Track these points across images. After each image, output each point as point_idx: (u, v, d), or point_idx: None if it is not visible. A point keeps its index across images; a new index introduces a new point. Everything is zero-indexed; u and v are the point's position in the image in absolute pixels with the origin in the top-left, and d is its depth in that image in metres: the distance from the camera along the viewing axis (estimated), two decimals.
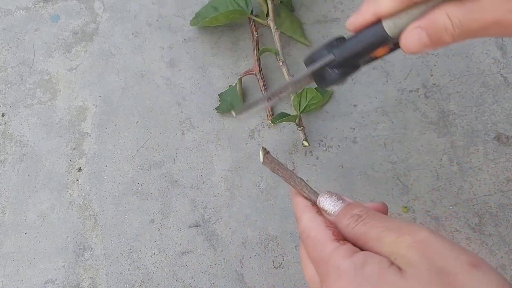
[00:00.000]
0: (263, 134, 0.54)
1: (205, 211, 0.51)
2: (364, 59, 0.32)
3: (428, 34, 0.28)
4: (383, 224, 0.27)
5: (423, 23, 0.27)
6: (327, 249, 0.27)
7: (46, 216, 0.52)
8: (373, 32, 0.29)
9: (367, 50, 0.30)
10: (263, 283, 0.48)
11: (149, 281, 0.49)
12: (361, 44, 0.30)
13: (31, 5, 0.62)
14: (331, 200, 0.31)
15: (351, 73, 0.33)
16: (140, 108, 0.56)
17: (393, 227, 0.26)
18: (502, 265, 0.47)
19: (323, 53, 0.33)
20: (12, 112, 0.56)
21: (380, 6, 0.28)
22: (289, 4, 0.59)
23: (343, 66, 0.32)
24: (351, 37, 0.31)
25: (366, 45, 0.30)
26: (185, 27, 0.60)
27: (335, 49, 0.32)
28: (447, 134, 0.52)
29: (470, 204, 0.50)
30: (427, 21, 0.27)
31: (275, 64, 0.57)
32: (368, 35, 0.30)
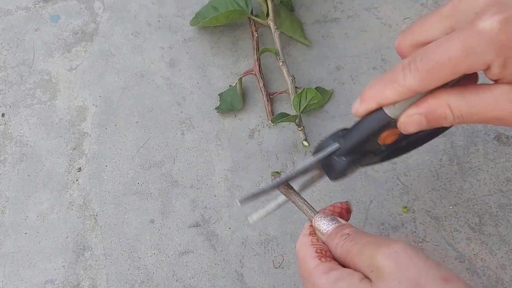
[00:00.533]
0: (263, 134, 0.54)
1: (205, 211, 0.51)
2: (372, 145, 0.32)
3: (427, 120, 0.28)
4: (365, 239, 0.29)
5: (423, 110, 0.28)
6: (309, 266, 0.30)
7: (46, 216, 0.52)
8: (375, 117, 0.30)
9: (371, 135, 0.31)
10: (263, 283, 0.48)
11: (149, 281, 0.49)
12: (365, 129, 0.31)
13: (31, 5, 0.62)
14: (326, 220, 0.33)
15: (360, 161, 0.33)
16: (140, 108, 0.56)
17: (372, 242, 0.29)
18: (502, 265, 0.47)
19: (328, 142, 0.33)
20: (12, 112, 0.57)
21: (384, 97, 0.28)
22: (289, 4, 0.59)
23: (349, 154, 0.33)
24: (355, 124, 0.32)
25: (370, 131, 0.31)
26: (185, 27, 0.60)
27: (340, 138, 0.33)
28: (447, 134, 0.52)
29: (470, 204, 0.50)
30: (428, 110, 0.28)
31: (275, 64, 0.57)
32: (371, 120, 0.30)
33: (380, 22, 0.58)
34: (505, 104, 0.26)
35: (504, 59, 0.25)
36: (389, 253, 0.27)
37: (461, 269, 0.47)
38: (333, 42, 0.58)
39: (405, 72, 0.27)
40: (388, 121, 0.30)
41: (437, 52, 0.26)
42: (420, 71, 0.26)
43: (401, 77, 0.27)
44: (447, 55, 0.25)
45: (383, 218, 0.50)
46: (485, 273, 0.47)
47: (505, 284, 0.46)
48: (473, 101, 0.27)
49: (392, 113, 0.29)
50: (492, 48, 0.24)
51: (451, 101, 0.27)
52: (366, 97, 0.30)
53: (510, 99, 0.26)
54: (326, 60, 0.57)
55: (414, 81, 0.27)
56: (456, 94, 0.27)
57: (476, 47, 0.25)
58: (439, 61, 0.26)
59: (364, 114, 0.31)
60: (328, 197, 0.51)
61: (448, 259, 0.48)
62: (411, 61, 0.27)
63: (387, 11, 0.59)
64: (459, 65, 0.25)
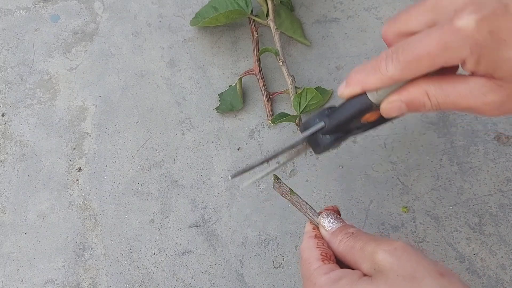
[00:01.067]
0: (263, 134, 0.54)
1: (205, 211, 0.51)
2: (355, 124, 0.35)
3: (407, 106, 0.31)
4: (367, 238, 0.31)
5: (403, 97, 0.30)
6: (311, 267, 0.32)
7: (46, 216, 0.52)
8: (358, 101, 0.32)
9: (353, 117, 0.33)
10: (263, 283, 0.48)
11: (149, 281, 0.49)
12: (348, 111, 0.33)
13: (31, 5, 0.62)
14: (332, 218, 0.35)
15: (343, 138, 0.36)
16: (140, 108, 0.56)
17: (374, 240, 0.30)
18: (502, 265, 0.47)
19: (314, 121, 0.36)
20: (12, 112, 0.57)
21: (368, 84, 0.31)
22: (289, 4, 0.59)
23: (334, 132, 0.35)
24: (340, 106, 0.34)
25: (353, 112, 0.33)
26: (185, 27, 0.60)
27: (325, 117, 0.35)
28: (447, 134, 0.52)
29: (470, 204, 0.50)
30: (408, 97, 0.30)
31: (275, 64, 0.57)
32: (354, 104, 0.33)
33: (380, 22, 0.58)
34: (477, 95, 0.28)
35: (478, 56, 0.26)
36: (389, 250, 0.29)
37: (461, 269, 0.47)
38: (333, 42, 0.58)
39: (388, 62, 0.29)
40: (370, 105, 0.32)
41: (417, 46, 0.28)
42: (401, 62, 0.29)
43: (384, 66, 0.30)
44: (426, 49, 0.27)
45: (383, 218, 0.50)
46: (485, 273, 0.47)
47: (505, 284, 0.46)
48: (449, 91, 0.29)
49: (374, 98, 0.32)
50: (467, 45, 0.26)
51: (429, 90, 0.29)
52: (352, 81, 0.32)
53: (482, 91, 0.28)
54: (326, 60, 0.57)
55: (395, 70, 0.29)
56: (435, 83, 0.29)
57: (453, 43, 0.26)
58: (418, 54, 0.28)
59: (349, 97, 0.33)
60: (328, 197, 0.51)
61: (448, 259, 0.48)
62: (393, 51, 0.29)
63: (387, 11, 0.59)
64: (437, 59, 0.27)
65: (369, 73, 0.31)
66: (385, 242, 0.30)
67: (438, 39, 0.27)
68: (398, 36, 0.32)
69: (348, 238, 0.32)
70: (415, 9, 0.31)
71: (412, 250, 0.29)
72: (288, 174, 0.52)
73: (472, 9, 0.26)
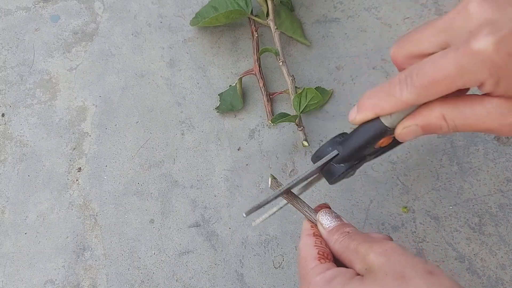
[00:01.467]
0: (263, 134, 0.54)
1: (205, 211, 0.51)
2: (369, 150, 0.34)
3: (423, 130, 0.30)
4: (362, 238, 0.32)
5: (419, 121, 0.30)
6: (308, 266, 0.32)
7: (46, 216, 0.52)
8: (372, 126, 0.31)
9: (368, 143, 0.32)
10: (263, 283, 0.48)
11: (149, 281, 0.49)
12: (362, 138, 0.32)
13: (31, 5, 0.62)
14: (330, 216, 0.35)
15: (358, 165, 0.35)
16: (140, 108, 0.56)
17: (367, 241, 0.31)
18: (502, 265, 0.47)
19: (327, 149, 0.35)
20: (12, 112, 0.57)
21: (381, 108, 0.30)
22: (289, 4, 0.59)
23: (348, 160, 0.34)
24: (352, 132, 0.33)
25: (367, 139, 0.32)
26: (185, 27, 0.60)
27: (338, 145, 0.34)
28: (447, 134, 0.52)
29: (470, 204, 0.50)
30: (424, 121, 0.29)
31: (275, 64, 0.57)
32: (368, 129, 0.31)
33: (380, 22, 0.58)
34: (496, 117, 0.27)
35: (497, 78, 0.26)
36: (380, 251, 0.29)
37: (461, 269, 0.47)
38: (333, 42, 0.58)
39: (402, 86, 0.28)
40: (385, 130, 0.31)
41: (433, 69, 0.27)
42: (416, 87, 0.28)
43: (398, 91, 0.29)
44: (442, 73, 0.26)
45: (383, 218, 0.50)
46: (485, 273, 0.47)
47: (505, 284, 0.46)
48: (467, 113, 0.28)
49: (388, 123, 0.30)
50: (485, 68, 0.25)
51: (446, 113, 0.29)
52: (364, 107, 0.31)
53: (500, 112, 0.27)
54: (326, 60, 0.57)
55: (410, 95, 0.28)
56: (451, 106, 0.28)
57: (471, 67, 0.26)
58: (434, 78, 0.27)
59: (361, 122, 0.32)
60: (328, 197, 0.51)
61: (448, 259, 0.48)
62: (407, 75, 0.28)
63: (387, 11, 0.59)
64: (454, 83, 0.27)
65: (382, 98, 0.30)
66: (378, 243, 0.30)
67: (454, 62, 0.26)
68: (409, 58, 0.31)
69: (343, 238, 0.33)
70: (427, 30, 0.30)
71: (402, 250, 0.29)
72: (288, 174, 0.52)
73: (489, 31, 0.25)
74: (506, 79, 0.26)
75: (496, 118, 0.27)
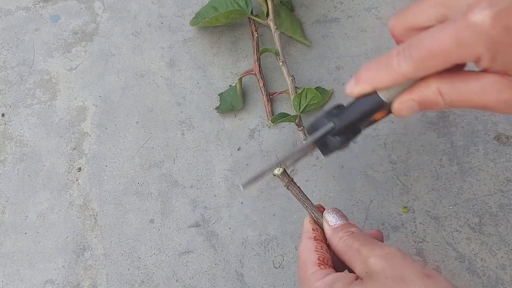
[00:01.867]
0: (263, 134, 0.54)
1: (205, 211, 0.51)
2: (365, 124, 0.34)
3: (420, 105, 0.30)
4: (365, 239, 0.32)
5: (415, 96, 0.30)
6: (308, 272, 0.32)
7: (46, 216, 0.52)
8: (369, 100, 0.31)
9: (364, 117, 0.32)
10: (263, 283, 0.48)
11: (149, 281, 0.49)
12: (359, 111, 0.32)
13: (31, 5, 0.62)
14: (337, 215, 0.35)
15: (352, 138, 0.35)
16: (140, 108, 0.56)
17: (370, 243, 0.32)
18: (502, 265, 0.47)
19: (323, 121, 0.34)
20: (12, 112, 0.57)
21: (379, 82, 0.30)
22: (289, 4, 0.59)
23: (344, 133, 0.34)
24: (349, 105, 0.33)
25: (364, 112, 0.32)
26: (185, 27, 0.60)
27: (334, 117, 0.34)
28: (447, 134, 0.52)
29: (470, 204, 0.50)
30: (420, 96, 0.29)
31: (275, 64, 0.57)
32: (365, 103, 0.31)
33: (380, 22, 0.58)
34: (492, 93, 0.27)
35: (493, 53, 0.26)
36: (380, 255, 0.30)
37: (461, 269, 0.47)
38: (333, 42, 0.58)
39: (400, 58, 0.28)
40: (381, 104, 0.31)
41: (431, 42, 0.27)
42: (414, 59, 0.28)
43: (396, 63, 0.28)
44: (440, 46, 0.26)
45: (383, 218, 0.50)
46: (485, 273, 0.47)
47: (505, 284, 0.46)
48: (463, 89, 0.28)
49: (386, 97, 0.30)
50: (482, 41, 0.25)
51: (442, 89, 0.28)
52: (362, 79, 0.31)
53: (496, 89, 0.27)
54: (326, 60, 0.57)
55: (408, 68, 0.28)
56: (447, 81, 0.28)
57: (468, 40, 0.26)
58: (432, 51, 0.27)
59: (359, 95, 0.32)
60: (328, 197, 0.51)
61: (448, 259, 0.48)
62: (405, 48, 0.28)
63: (387, 11, 0.59)
64: (451, 56, 0.27)
65: (380, 71, 0.30)
66: (379, 246, 0.31)
67: (452, 35, 0.26)
68: (407, 31, 0.31)
69: (347, 237, 0.33)
70: (425, 3, 0.30)
71: (402, 254, 0.30)
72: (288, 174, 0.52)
73: (487, 4, 0.25)
74: (503, 53, 0.26)
75: (492, 94, 0.27)
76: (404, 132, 0.53)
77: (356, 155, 0.52)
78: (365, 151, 0.53)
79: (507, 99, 0.27)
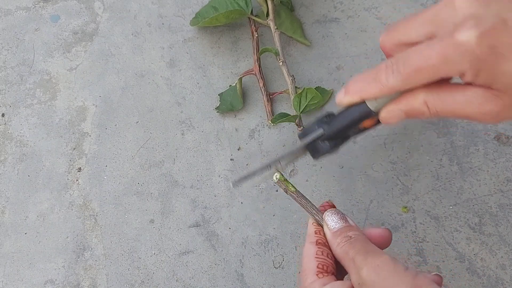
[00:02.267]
0: (263, 134, 0.54)
1: (205, 211, 0.51)
2: (353, 131, 0.36)
3: (406, 115, 0.32)
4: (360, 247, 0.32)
5: (402, 106, 0.31)
6: (307, 281, 0.33)
7: (46, 216, 0.52)
8: (357, 109, 0.33)
9: (352, 124, 0.34)
10: (263, 283, 0.48)
11: (149, 281, 0.49)
12: (347, 119, 0.34)
13: (31, 5, 0.62)
14: (336, 217, 0.36)
15: (341, 143, 0.37)
16: (140, 108, 0.56)
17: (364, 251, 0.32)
18: (502, 265, 0.47)
19: (314, 128, 0.37)
20: (12, 112, 0.57)
21: (367, 93, 0.32)
22: (289, 4, 0.59)
23: (333, 139, 0.36)
24: (338, 113, 0.35)
25: (352, 120, 0.34)
26: (185, 27, 0.60)
27: (324, 124, 0.36)
28: (447, 134, 0.52)
29: (470, 204, 0.50)
30: (407, 106, 0.31)
31: (275, 64, 0.57)
32: (354, 112, 0.34)
33: (380, 22, 0.58)
34: (475, 105, 0.29)
35: (477, 70, 0.27)
36: (372, 267, 0.30)
37: (461, 269, 0.47)
38: (333, 42, 0.58)
39: (388, 72, 0.30)
40: (369, 113, 0.33)
41: (418, 58, 0.29)
42: (402, 74, 0.29)
43: (384, 77, 0.30)
44: (427, 62, 0.28)
45: (383, 218, 0.50)
46: (485, 273, 0.47)
47: (505, 284, 0.46)
48: (448, 100, 0.30)
49: (373, 107, 0.32)
50: (467, 59, 0.27)
51: (429, 100, 0.30)
52: (351, 90, 0.33)
53: (480, 101, 0.29)
54: (326, 60, 0.57)
55: (396, 82, 0.30)
56: (433, 93, 0.30)
57: (453, 57, 0.27)
58: (419, 66, 0.28)
59: (348, 105, 0.34)
60: (328, 197, 0.51)
61: (448, 259, 0.48)
62: (393, 63, 0.30)
63: (387, 11, 0.59)
64: (437, 71, 0.28)
65: (369, 83, 0.31)
66: (371, 256, 0.31)
67: (439, 52, 0.28)
68: (397, 46, 0.32)
69: (344, 243, 0.33)
70: (415, 20, 0.31)
71: (393, 265, 0.30)
72: (288, 174, 0.52)
73: (473, 24, 0.27)
74: (486, 70, 0.27)
75: (475, 106, 0.29)
76: (404, 132, 0.53)
77: (356, 155, 0.52)
78: (365, 151, 0.53)
79: (489, 110, 0.29)
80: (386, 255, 0.31)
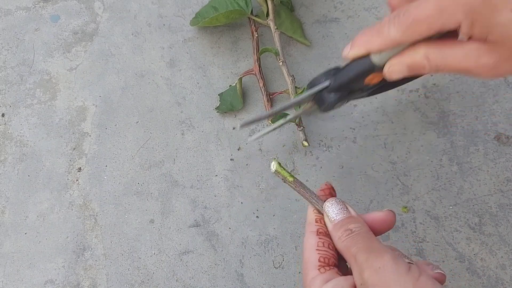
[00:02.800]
0: None
1: (205, 211, 0.51)
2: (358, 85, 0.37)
3: (408, 69, 0.33)
4: (363, 244, 0.32)
5: (405, 59, 0.33)
6: (308, 277, 0.33)
7: (46, 216, 0.52)
8: (362, 62, 0.34)
9: (357, 77, 0.35)
10: (263, 283, 0.48)
11: (149, 281, 0.49)
12: (352, 71, 0.35)
13: (31, 5, 0.62)
14: (336, 208, 0.35)
15: (347, 97, 0.38)
16: (140, 108, 0.56)
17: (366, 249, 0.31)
18: (502, 265, 0.47)
19: (321, 79, 0.38)
20: (12, 112, 0.57)
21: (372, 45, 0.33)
22: (289, 4, 0.59)
23: (338, 91, 0.37)
24: (344, 66, 0.36)
25: (357, 73, 0.35)
26: (185, 27, 0.60)
27: (331, 76, 0.37)
28: (447, 134, 0.52)
29: (470, 204, 0.50)
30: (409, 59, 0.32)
31: (275, 64, 0.57)
32: (359, 65, 0.35)
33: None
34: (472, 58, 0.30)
35: (471, 20, 0.28)
36: (374, 270, 0.30)
37: (461, 269, 0.47)
38: (333, 42, 0.58)
39: (390, 25, 0.31)
40: (373, 66, 0.34)
41: (416, 10, 0.30)
42: (401, 25, 0.31)
43: (386, 29, 0.32)
44: (424, 13, 0.30)
45: None
46: (485, 273, 0.47)
47: (505, 284, 0.46)
48: (447, 54, 0.31)
49: (377, 60, 0.33)
50: (461, 9, 0.28)
51: (429, 53, 0.31)
52: (356, 43, 0.34)
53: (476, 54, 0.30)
54: (326, 60, 0.57)
55: (396, 33, 0.31)
56: (434, 47, 0.31)
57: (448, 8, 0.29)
58: (417, 18, 0.30)
59: (353, 58, 0.35)
60: None
61: (448, 259, 0.48)
62: (395, 16, 0.31)
63: (387, 11, 0.59)
64: (434, 23, 0.30)
65: (373, 36, 0.33)
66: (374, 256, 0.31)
67: (435, 4, 0.29)
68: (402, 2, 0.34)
69: (346, 237, 0.33)
70: None
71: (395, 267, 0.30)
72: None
73: None
74: (480, 21, 0.28)
75: (472, 59, 0.30)
76: (404, 132, 0.53)
77: (356, 155, 0.52)
78: (365, 151, 0.53)
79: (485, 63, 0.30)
80: (388, 254, 0.31)
